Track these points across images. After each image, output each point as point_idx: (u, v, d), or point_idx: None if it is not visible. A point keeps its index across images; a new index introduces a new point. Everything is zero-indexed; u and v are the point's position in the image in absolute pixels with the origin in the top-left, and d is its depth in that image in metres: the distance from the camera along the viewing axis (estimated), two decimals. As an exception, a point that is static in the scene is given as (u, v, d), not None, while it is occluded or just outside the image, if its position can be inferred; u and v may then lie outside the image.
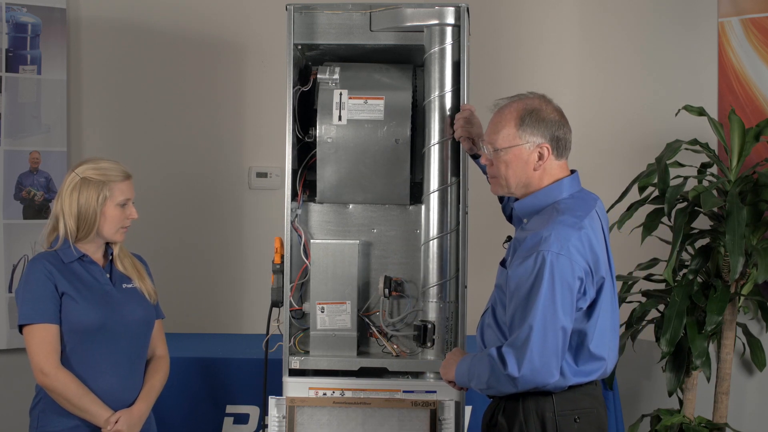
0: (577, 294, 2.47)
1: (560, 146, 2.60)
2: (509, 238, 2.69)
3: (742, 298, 3.86)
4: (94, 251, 2.90)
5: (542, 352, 2.42)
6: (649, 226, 3.81)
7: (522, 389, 2.48)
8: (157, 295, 3.00)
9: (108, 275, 2.90)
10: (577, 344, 2.52)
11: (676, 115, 3.99)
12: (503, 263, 2.63)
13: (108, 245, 2.93)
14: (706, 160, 4.00)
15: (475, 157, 3.04)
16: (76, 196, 2.83)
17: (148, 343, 2.96)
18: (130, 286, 2.92)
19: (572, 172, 2.65)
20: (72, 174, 2.86)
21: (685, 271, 3.87)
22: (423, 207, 3.05)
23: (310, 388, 3.00)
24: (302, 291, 3.12)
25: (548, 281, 2.42)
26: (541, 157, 2.57)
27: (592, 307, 2.52)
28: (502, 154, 2.58)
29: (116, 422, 2.79)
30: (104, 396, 2.82)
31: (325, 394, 2.98)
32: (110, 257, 2.93)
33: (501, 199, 3.02)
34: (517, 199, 2.65)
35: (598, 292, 2.53)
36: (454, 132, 2.98)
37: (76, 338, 2.82)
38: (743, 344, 4.06)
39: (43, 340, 2.78)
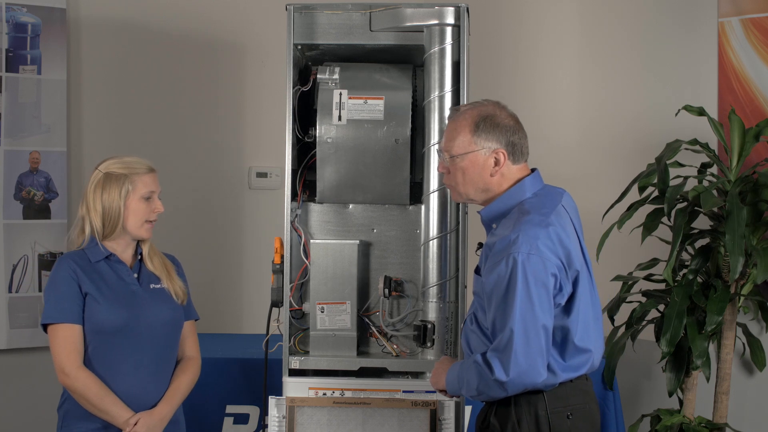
0: (553, 291, 2.47)
1: (516, 151, 2.60)
2: (480, 245, 2.68)
3: (742, 298, 3.86)
4: (122, 250, 2.88)
5: (526, 352, 2.42)
6: (649, 226, 3.81)
7: (512, 392, 2.48)
8: (187, 295, 2.96)
9: (136, 275, 2.88)
10: (562, 340, 2.52)
11: (676, 115, 3.99)
12: (477, 271, 2.62)
13: (138, 244, 2.92)
14: (706, 160, 4.00)
15: None
16: (99, 192, 2.82)
17: (175, 344, 2.93)
18: (158, 286, 2.89)
19: (532, 171, 2.65)
20: (95, 172, 2.86)
21: (685, 271, 3.87)
22: (423, 207, 3.05)
23: (310, 388, 3.00)
24: (302, 291, 3.12)
25: (522, 282, 2.42)
26: (497, 162, 2.58)
27: (570, 301, 2.53)
28: (458, 161, 2.59)
29: (135, 424, 2.77)
30: (126, 397, 2.80)
31: (325, 394, 2.98)
32: (139, 256, 2.91)
33: None
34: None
35: (575, 285, 2.53)
36: None
37: (98, 339, 2.80)
38: (743, 344, 4.06)
39: (65, 340, 2.77)
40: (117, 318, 2.79)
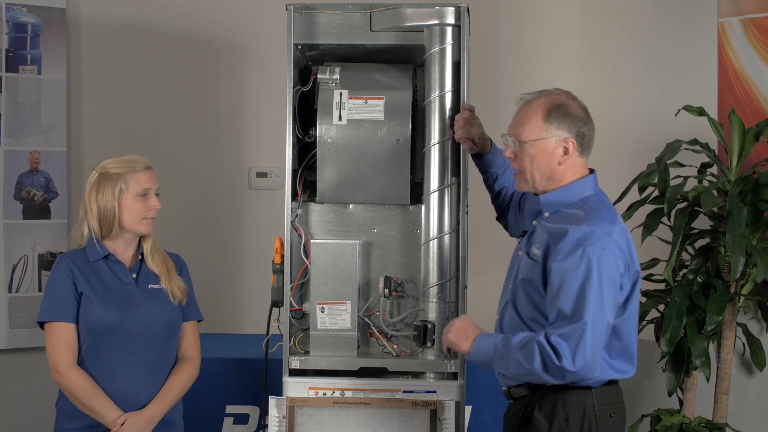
0: (618, 284, 2.53)
1: (584, 143, 2.65)
2: (524, 233, 2.71)
3: (742, 298, 3.86)
4: (123, 250, 2.90)
5: (593, 347, 2.46)
6: (649, 226, 3.82)
7: (568, 381, 2.51)
8: (186, 295, 2.96)
9: (134, 275, 2.89)
10: (613, 338, 2.56)
11: (676, 115, 3.99)
12: (529, 255, 2.63)
13: (140, 243, 2.92)
14: (706, 160, 4.00)
15: (477, 156, 3.05)
16: (95, 193, 2.85)
17: (171, 345, 2.93)
18: (156, 286, 2.90)
19: (591, 171, 2.70)
20: (92, 173, 2.89)
21: (685, 271, 3.87)
22: (423, 207, 3.05)
23: (311, 388, 3.00)
24: (302, 291, 3.12)
25: (597, 277, 2.46)
26: (566, 151, 2.62)
27: (626, 302, 2.58)
28: (527, 147, 2.61)
29: (123, 424, 2.78)
30: (119, 397, 2.81)
31: (325, 394, 2.98)
32: (140, 255, 2.92)
33: (495, 197, 3.05)
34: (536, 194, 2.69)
35: (633, 287, 2.60)
36: (454, 133, 2.97)
37: (92, 338, 2.82)
38: (743, 344, 4.06)
39: (59, 339, 2.80)
40: (109, 318, 2.81)
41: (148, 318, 2.85)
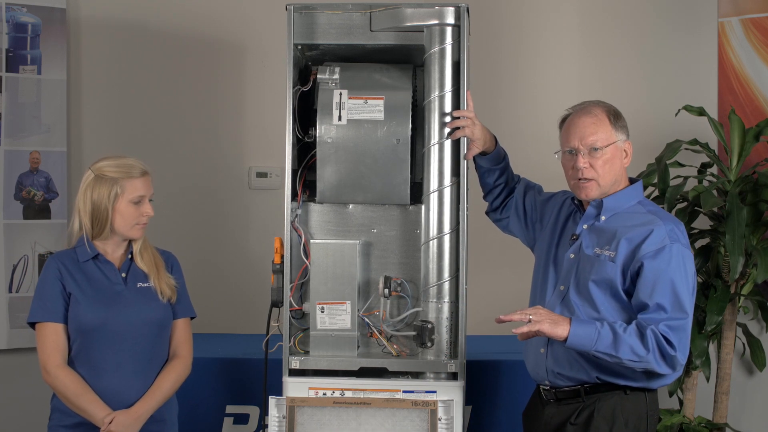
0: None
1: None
2: (576, 237, 2.77)
3: (742, 298, 3.86)
4: (113, 249, 2.91)
5: (688, 340, 2.59)
6: (649, 226, 3.81)
7: (671, 372, 2.59)
8: (176, 293, 2.96)
9: (124, 274, 2.90)
10: None
11: (676, 115, 3.99)
12: (599, 256, 2.68)
13: (130, 243, 2.93)
14: (706, 160, 4.00)
15: (482, 154, 3.04)
16: (89, 193, 2.86)
17: (161, 343, 2.94)
18: (145, 285, 2.91)
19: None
20: (87, 172, 2.90)
21: (685, 271, 3.86)
22: (423, 207, 3.05)
23: (310, 388, 3.00)
24: (302, 291, 3.12)
25: (687, 273, 2.59)
26: (626, 154, 2.76)
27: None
28: (601, 154, 2.70)
29: (111, 422, 2.79)
30: (108, 396, 2.83)
31: (325, 394, 2.98)
32: (130, 255, 2.93)
33: (491, 191, 3.11)
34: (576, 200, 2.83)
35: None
36: (458, 129, 2.96)
37: (81, 338, 2.84)
38: (743, 344, 4.06)
39: (47, 339, 2.82)
40: (96, 317, 2.82)
41: (136, 317, 2.87)
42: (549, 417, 2.73)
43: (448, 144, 3.00)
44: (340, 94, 3.06)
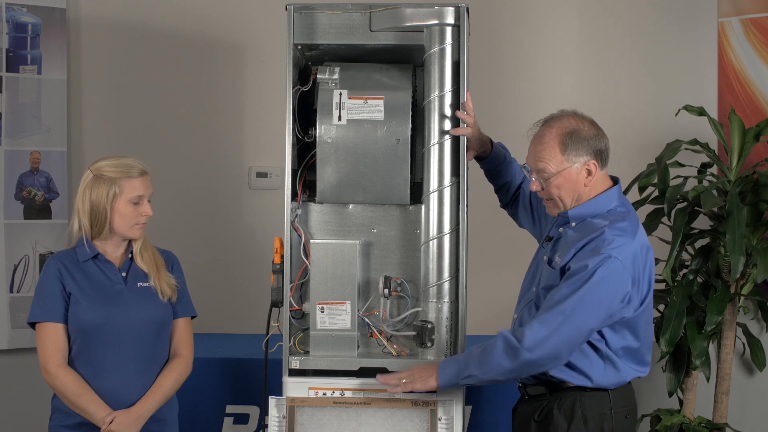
0: (624, 299, 2.58)
1: (603, 157, 2.72)
2: (549, 238, 2.78)
3: (742, 298, 3.86)
4: (113, 249, 2.92)
5: (564, 341, 2.55)
6: (649, 226, 3.82)
7: (523, 366, 2.58)
8: (176, 292, 2.97)
9: (124, 274, 2.90)
10: (631, 340, 2.65)
11: (676, 115, 3.99)
12: (550, 263, 2.70)
13: (130, 242, 2.94)
14: (706, 160, 4.00)
15: (479, 159, 3.06)
16: (88, 193, 2.86)
17: (161, 343, 2.94)
18: (145, 284, 2.92)
19: (613, 179, 2.76)
20: (86, 172, 2.90)
21: (685, 271, 3.87)
22: (423, 207, 3.05)
23: (310, 388, 3.00)
24: (302, 291, 3.12)
25: (597, 280, 2.53)
26: (589, 173, 2.69)
27: (642, 302, 2.64)
28: (552, 180, 2.69)
29: (111, 422, 2.79)
30: (109, 396, 2.83)
31: (325, 394, 2.98)
32: (130, 254, 2.93)
33: (500, 188, 3.12)
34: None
35: (648, 290, 2.66)
36: (463, 127, 2.96)
37: (81, 338, 2.84)
38: (743, 344, 4.06)
39: (47, 339, 2.83)
40: (96, 317, 2.82)
41: (136, 316, 2.87)
42: (519, 414, 2.80)
43: (448, 144, 3.00)
44: (340, 94, 3.06)
